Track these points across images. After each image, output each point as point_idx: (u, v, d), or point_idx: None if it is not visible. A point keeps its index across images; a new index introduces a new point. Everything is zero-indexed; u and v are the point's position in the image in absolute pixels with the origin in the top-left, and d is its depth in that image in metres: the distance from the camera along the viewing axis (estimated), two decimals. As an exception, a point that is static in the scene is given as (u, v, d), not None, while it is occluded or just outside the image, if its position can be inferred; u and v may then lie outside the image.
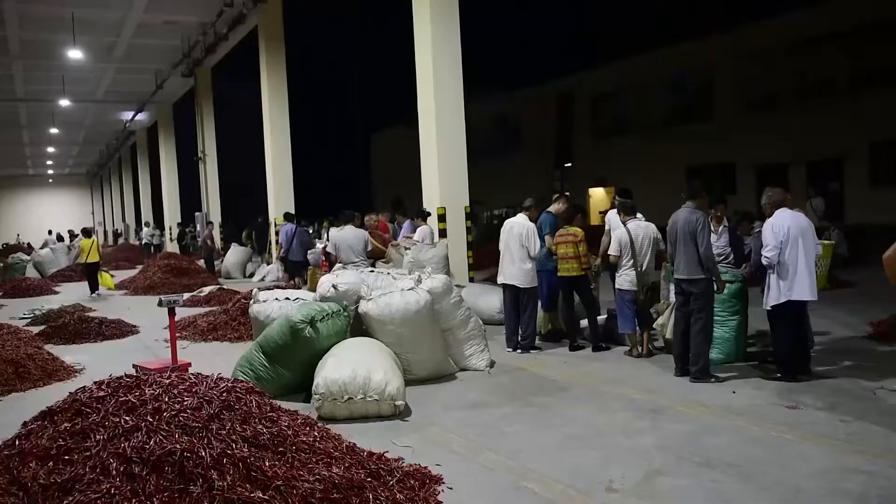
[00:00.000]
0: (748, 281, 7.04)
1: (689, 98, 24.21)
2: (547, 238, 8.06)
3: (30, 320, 11.54)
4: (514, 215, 8.22)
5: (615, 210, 8.17)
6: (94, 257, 16.05)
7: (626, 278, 7.26)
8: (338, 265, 8.89)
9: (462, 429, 5.17)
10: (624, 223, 7.48)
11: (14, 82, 25.02)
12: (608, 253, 7.52)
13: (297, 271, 13.72)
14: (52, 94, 25.82)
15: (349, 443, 4.02)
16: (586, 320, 7.82)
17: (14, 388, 6.99)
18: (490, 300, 9.36)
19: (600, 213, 22.52)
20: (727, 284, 6.59)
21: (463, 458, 4.57)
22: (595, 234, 8.75)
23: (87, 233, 17.01)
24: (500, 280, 7.95)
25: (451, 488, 3.98)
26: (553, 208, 8.43)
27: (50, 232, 31.46)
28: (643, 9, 31.82)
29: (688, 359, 6.28)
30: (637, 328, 7.29)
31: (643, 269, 7.26)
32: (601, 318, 7.94)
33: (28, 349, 7.69)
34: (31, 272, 21.62)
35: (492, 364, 7.05)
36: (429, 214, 10.78)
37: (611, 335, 7.79)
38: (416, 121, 11.07)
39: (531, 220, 7.84)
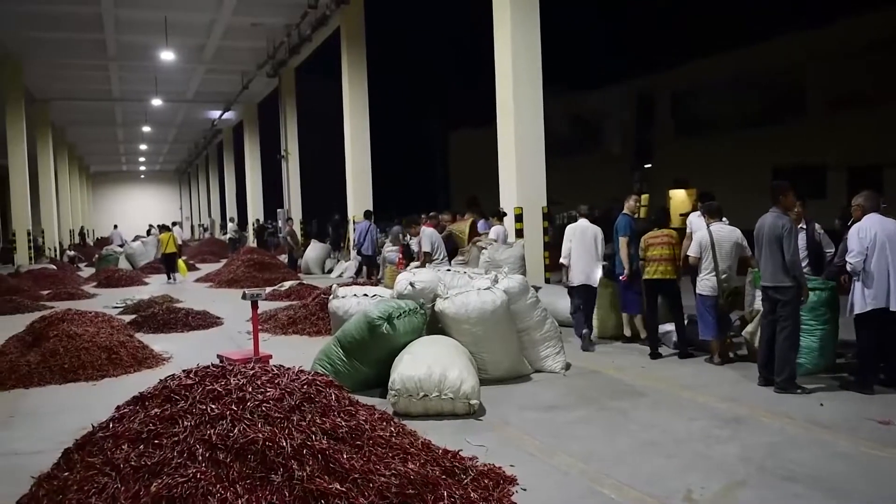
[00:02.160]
0: (838, 289, 6.73)
1: (776, 97, 23.32)
2: (621, 241, 7.93)
3: (122, 309, 12.11)
4: (575, 220, 8.54)
5: (698, 212, 7.96)
6: (171, 248, 17.95)
7: (706, 283, 7.04)
8: (414, 263, 8.98)
9: (537, 430, 5.14)
10: (707, 226, 7.26)
11: (111, 83, 26.31)
12: (687, 254, 7.32)
13: (370, 266, 14.95)
14: (146, 94, 27.03)
15: (424, 439, 4.05)
16: (670, 325, 7.64)
17: (107, 373, 7.36)
18: (567, 302, 9.24)
19: (681, 215, 21.99)
20: (816, 292, 6.32)
21: (537, 459, 4.55)
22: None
23: (165, 228, 19.16)
24: (575, 282, 8.07)
25: (524, 489, 3.96)
26: (627, 208, 8.27)
27: (151, 226, 32.86)
28: (728, 5, 30.87)
29: (773, 368, 6.06)
30: (718, 334, 7.07)
31: (725, 274, 7.02)
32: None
33: (120, 337, 8.07)
34: (123, 263, 22.72)
35: (567, 366, 6.97)
36: (504, 214, 10.76)
37: (690, 341, 7.59)
38: (495, 120, 11.05)
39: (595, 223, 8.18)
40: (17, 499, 3.60)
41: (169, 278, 18.15)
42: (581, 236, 8.12)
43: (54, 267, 20.55)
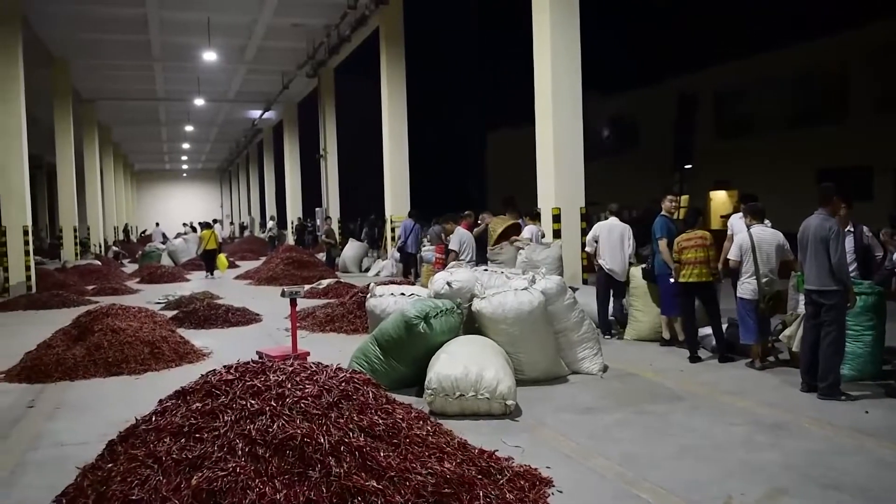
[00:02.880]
0: (887, 293, 6.56)
1: (820, 97, 22.81)
2: (660, 243, 7.84)
3: (164, 305, 12.35)
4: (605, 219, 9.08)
5: (739, 214, 7.82)
6: (211, 245, 18.98)
7: (747, 287, 6.91)
8: (453, 262, 8.98)
9: (573, 432, 5.11)
10: (748, 228, 7.12)
11: (155, 83, 26.85)
12: (727, 257, 7.20)
13: (411, 263, 15.45)
14: (188, 93, 27.54)
15: (461, 439, 4.06)
16: (708, 328, 7.53)
17: (149, 367, 7.51)
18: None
19: (721, 217, 21.65)
20: (863, 297, 6.17)
21: (574, 461, 4.52)
22: (716, 240, 8.40)
23: (206, 225, 20.14)
24: (605, 266, 8.68)
25: (560, 491, 3.94)
26: (664, 209, 8.18)
27: (184, 224, 33.51)
28: (772, 3, 30.27)
29: (816, 373, 5.94)
30: (759, 339, 6.94)
31: (767, 277, 6.88)
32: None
33: (162, 332, 8.22)
34: (165, 260, 23.19)
35: (605, 368, 6.92)
36: (538, 214, 10.71)
37: (730, 345, 7.46)
38: (533, 120, 11.01)
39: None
40: (63, 488, 3.70)
41: (210, 274, 19.01)
42: (608, 234, 8.70)
43: (99, 263, 21.05)
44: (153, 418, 3.61)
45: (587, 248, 9.12)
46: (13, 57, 15.05)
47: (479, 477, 3.59)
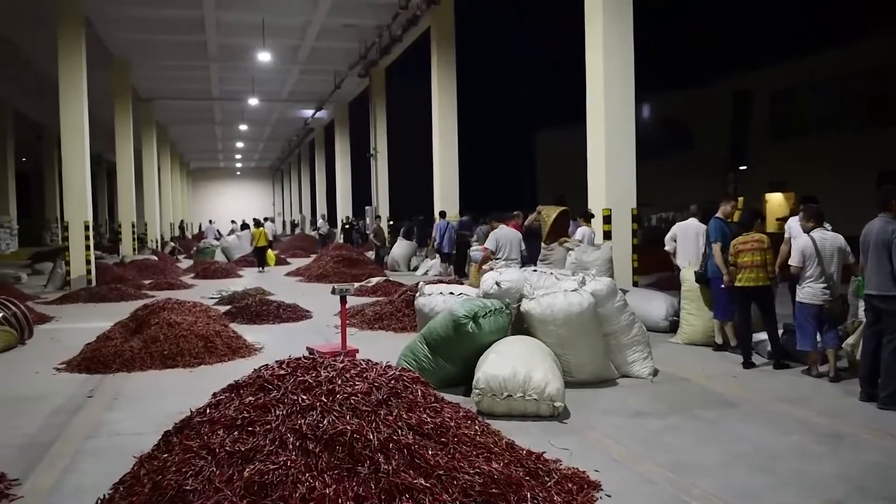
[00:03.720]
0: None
1: (882, 97, 22.04)
2: (714, 246, 7.69)
3: (217, 300, 12.61)
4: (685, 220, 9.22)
5: (797, 217, 7.61)
6: (262, 242, 20.28)
7: (808, 291, 6.69)
8: (498, 262, 8.96)
9: (622, 436, 5.05)
10: (807, 231, 6.92)
11: (210, 83, 27.44)
12: (789, 263, 6.99)
13: (448, 262, 16.53)
14: (243, 93, 28.05)
15: (508, 439, 4.04)
16: (763, 334, 7.35)
17: (203, 360, 7.68)
18: (655, 306, 9.05)
19: (778, 219, 21.10)
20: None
21: (622, 465, 4.46)
22: (772, 243, 8.20)
23: (257, 223, 21.42)
24: (682, 266, 8.76)
25: (609, 496, 3.90)
26: (721, 212, 8.01)
27: (233, 221, 34.21)
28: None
29: (876, 382, 5.74)
30: (819, 346, 6.73)
31: (830, 282, 6.66)
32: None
33: (216, 327, 8.40)
34: (218, 256, 23.70)
35: (655, 372, 6.81)
36: (592, 216, 10.60)
37: (786, 352, 7.27)
38: (583, 119, 10.91)
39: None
40: (120, 476, 3.81)
41: (261, 269, 20.08)
42: (684, 234, 9.01)
43: (156, 258, 21.62)
44: (207, 411, 3.69)
45: (666, 247, 9.36)
46: (77, 58, 15.56)
47: (527, 478, 3.57)
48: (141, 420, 5.63)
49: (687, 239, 8.95)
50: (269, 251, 20.69)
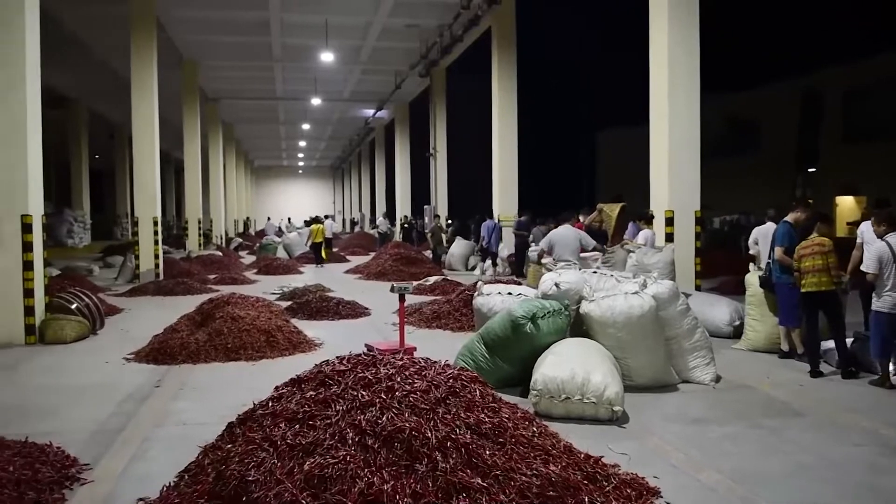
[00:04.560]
0: None
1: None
2: (777, 251, 7.46)
3: (279, 296, 12.86)
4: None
5: (869, 221, 7.33)
6: (319, 238, 21.35)
7: (887, 300, 6.39)
8: (554, 263, 8.91)
9: (682, 442, 4.95)
10: (880, 236, 6.64)
11: (275, 83, 28.00)
12: (863, 269, 6.72)
13: (494, 261, 16.99)
14: (306, 93, 28.55)
15: (566, 442, 4.01)
16: (830, 341, 7.10)
17: (265, 354, 7.85)
18: (718, 311, 8.85)
19: (848, 224, 20.38)
20: None
21: (682, 472, 4.38)
22: (843, 248, 7.91)
23: (315, 220, 22.78)
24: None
25: (668, 503, 3.83)
26: (791, 217, 7.76)
27: (289, 220, 34.88)
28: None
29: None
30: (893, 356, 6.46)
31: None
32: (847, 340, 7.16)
33: (278, 321, 8.58)
34: (280, 253, 24.19)
35: (717, 379, 6.65)
36: (652, 217, 10.42)
37: (855, 360, 7.00)
38: (646, 119, 10.73)
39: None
40: (185, 464, 3.92)
41: (319, 265, 20.90)
42: (764, 237, 9.02)
43: (220, 253, 22.19)
44: (270, 404, 3.77)
45: (750, 251, 9.56)
46: (148, 59, 16.08)
47: (585, 482, 3.54)
48: (205, 410, 5.78)
49: (768, 243, 8.84)
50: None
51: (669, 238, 10.22)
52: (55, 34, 16.59)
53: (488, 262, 17.65)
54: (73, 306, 9.33)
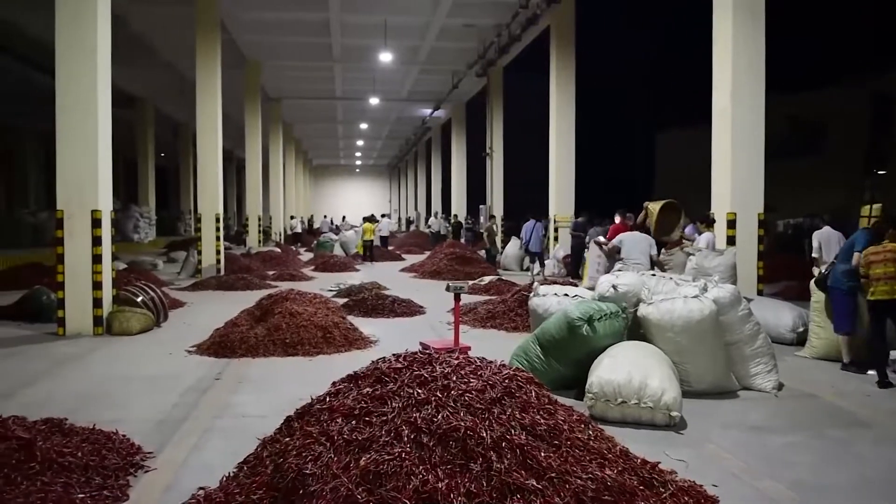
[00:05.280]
0: None
1: None
2: (855, 256, 7.20)
3: (335, 293, 13.03)
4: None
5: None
6: (369, 236, 22.67)
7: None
8: (618, 264, 8.79)
9: (741, 451, 4.83)
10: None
11: (334, 83, 28.39)
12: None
13: (537, 261, 16.91)
14: (364, 93, 28.88)
15: (622, 446, 3.95)
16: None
17: (321, 350, 7.97)
18: (782, 317, 8.60)
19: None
20: None
21: (742, 481, 4.27)
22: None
23: (367, 219, 23.82)
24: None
25: (727, 512, 3.75)
26: (870, 224, 7.50)
27: (343, 218, 35.29)
28: None
29: None
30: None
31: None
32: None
33: (334, 318, 8.69)
34: (337, 250, 24.53)
35: (780, 386, 6.47)
36: (713, 220, 10.18)
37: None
38: (706, 120, 10.49)
39: None
40: (244, 456, 4.01)
41: (370, 261, 21.96)
42: (826, 241, 9.54)
43: (279, 250, 22.61)
44: (327, 399, 3.81)
45: (814, 254, 9.84)
46: (212, 60, 16.50)
47: (641, 488, 3.48)
48: (263, 404, 5.90)
49: (830, 247, 9.31)
50: (359, 242, 24.01)
51: (731, 241, 9.98)
52: (124, 36, 17.18)
53: (547, 262, 17.56)
54: (139, 299, 9.64)
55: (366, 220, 23.97)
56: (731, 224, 10.02)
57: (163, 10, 18.30)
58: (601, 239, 10.77)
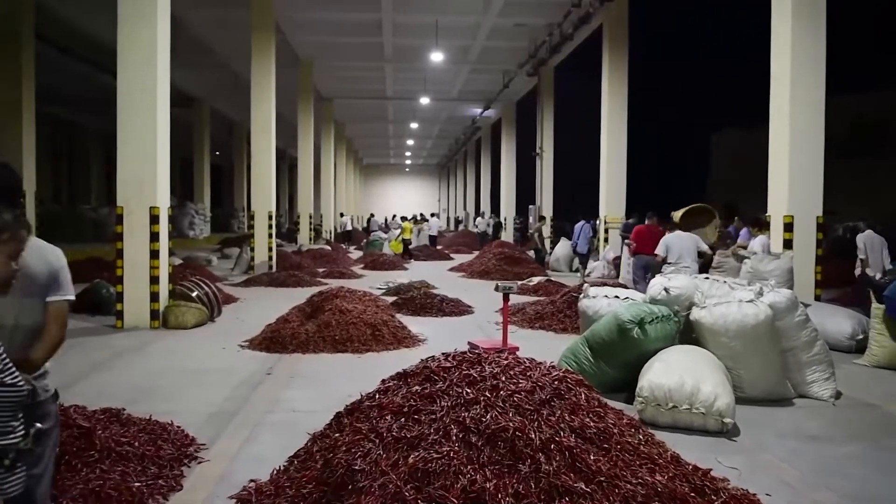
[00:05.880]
0: None
1: None
2: None
3: (384, 291, 13.13)
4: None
5: None
6: (408, 235, 24.10)
7: None
8: (668, 267, 8.66)
9: (796, 460, 4.71)
10: None
11: (385, 83, 28.59)
12: None
13: (583, 262, 17.06)
14: (415, 92, 29.00)
15: (673, 452, 3.90)
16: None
17: (370, 348, 8.04)
18: (840, 323, 8.35)
19: None
20: None
21: (797, 492, 4.16)
22: None
23: (407, 219, 25.74)
24: (875, 277, 8.86)
25: (781, 522, 3.66)
26: None
27: (393, 216, 35.54)
28: None
29: None
30: None
31: None
32: None
33: (383, 316, 8.77)
34: (386, 249, 24.74)
35: (837, 395, 6.28)
36: (768, 224, 9.94)
37: None
38: (763, 121, 10.24)
39: None
40: (294, 450, 4.08)
41: (409, 257, 22.71)
42: (870, 244, 9.51)
43: (329, 248, 22.90)
44: (377, 396, 3.85)
45: (860, 255, 9.93)
46: (267, 60, 16.78)
47: (692, 495, 3.42)
48: (313, 399, 5.98)
49: (874, 251, 9.34)
50: (394, 241, 25.59)
51: (787, 245, 9.72)
52: (183, 38, 17.60)
53: (597, 263, 17.39)
54: (194, 294, 9.86)
55: (404, 219, 25.97)
56: (789, 227, 9.76)
57: (219, 13, 18.70)
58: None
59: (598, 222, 18.14)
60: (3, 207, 2.40)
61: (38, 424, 2.40)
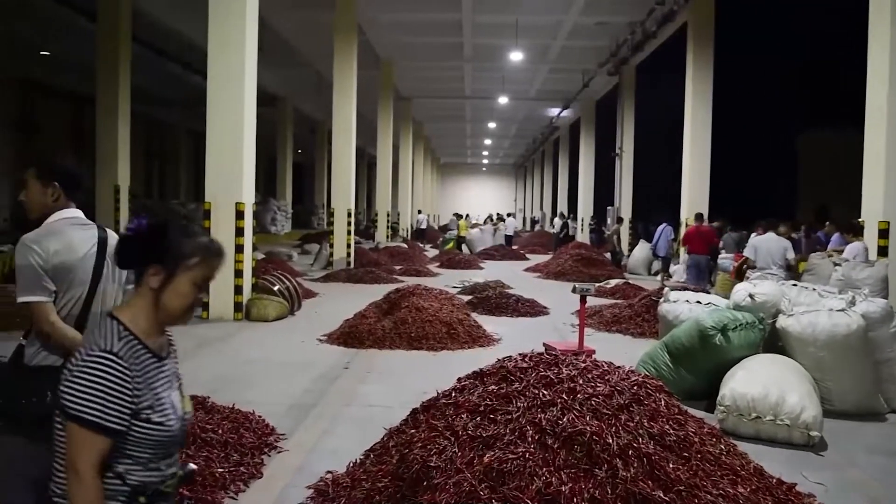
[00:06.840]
0: None
1: None
2: None
3: (460, 290, 13.18)
4: None
5: None
6: (462, 232, 25.51)
7: None
8: (755, 272, 8.39)
9: (888, 478, 4.50)
10: None
11: (464, 82, 28.66)
12: None
13: (664, 266, 16.75)
14: (493, 92, 28.97)
15: (756, 464, 3.77)
16: None
17: (445, 346, 8.09)
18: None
19: None
20: None
21: (889, 512, 3.98)
22: None
23: (460, 217, 27.46)
24: None
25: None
26: None
27: (467, 215, 35.55)
28: None
29: None
30: None
31: None
32: None
33: (459, 315, 8.81)
34: (462, 248, 24.83)
35: (935, 411, 5.96)
36: (862, 228, 9.47)
37: None
38: (854, 121, 9.77)
39: None
40: (370, 444, 4.14)
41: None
42: None
43: (406, 246, 23.14)
44: (453, 394, 3.86)
45: None
46: (349, 61, 17.10)
47: (776, 508, 3.31)
48: (389, 395, 6.07)
49: None
50: (450, 241, 26.56)
51: (882, 252, 9.25)
52: (268, 39, 18.10)
53: (677, 267, 17.00)
54: (276, 288, 10.15)
55: (458, 217, 28.58)
56: (884, 233, 9.28)
57: (303, 14, 19.15)
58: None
59: (679, 225, 17.69)
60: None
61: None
